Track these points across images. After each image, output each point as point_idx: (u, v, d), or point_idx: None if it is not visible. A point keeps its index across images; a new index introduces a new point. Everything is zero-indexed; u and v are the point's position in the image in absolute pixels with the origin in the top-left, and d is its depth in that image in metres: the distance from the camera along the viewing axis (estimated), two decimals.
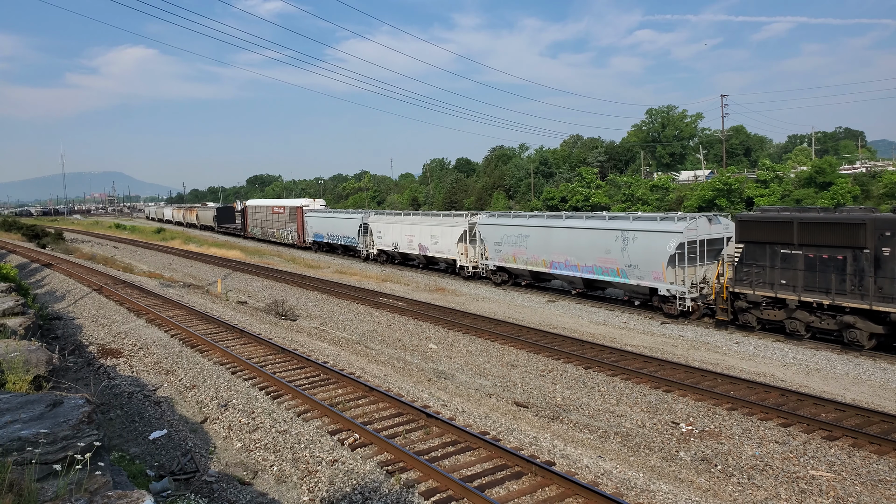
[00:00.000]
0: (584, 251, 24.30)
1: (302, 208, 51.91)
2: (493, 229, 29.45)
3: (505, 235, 28.46)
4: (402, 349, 18.49)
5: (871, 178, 50.27)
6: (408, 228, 36.65)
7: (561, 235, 25.44)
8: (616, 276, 23.11)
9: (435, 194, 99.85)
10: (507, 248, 28.36)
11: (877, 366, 15.75)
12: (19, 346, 10.14)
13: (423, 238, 34.99)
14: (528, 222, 27.67)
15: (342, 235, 44.54)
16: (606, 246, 23.20)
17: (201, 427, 12.06)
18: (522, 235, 27.38)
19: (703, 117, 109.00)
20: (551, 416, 12.75)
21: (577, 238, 24.65)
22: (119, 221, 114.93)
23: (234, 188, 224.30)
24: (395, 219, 38.84)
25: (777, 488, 9.53)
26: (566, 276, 25.44)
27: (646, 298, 22.76)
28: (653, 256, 21.42)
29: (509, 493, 8.99)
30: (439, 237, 33.49)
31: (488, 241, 29.71)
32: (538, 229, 26.72)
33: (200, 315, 22.25)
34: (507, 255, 28.43)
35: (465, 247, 31.82)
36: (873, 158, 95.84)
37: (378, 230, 39.72)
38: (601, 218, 24.88)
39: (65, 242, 59.59)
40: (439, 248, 33.66)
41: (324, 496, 9.08)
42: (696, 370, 15.19)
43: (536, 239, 26.70)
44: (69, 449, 5.44)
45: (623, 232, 22.55)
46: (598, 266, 23.76)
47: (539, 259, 26.59)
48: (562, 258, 25.34)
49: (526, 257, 27.30)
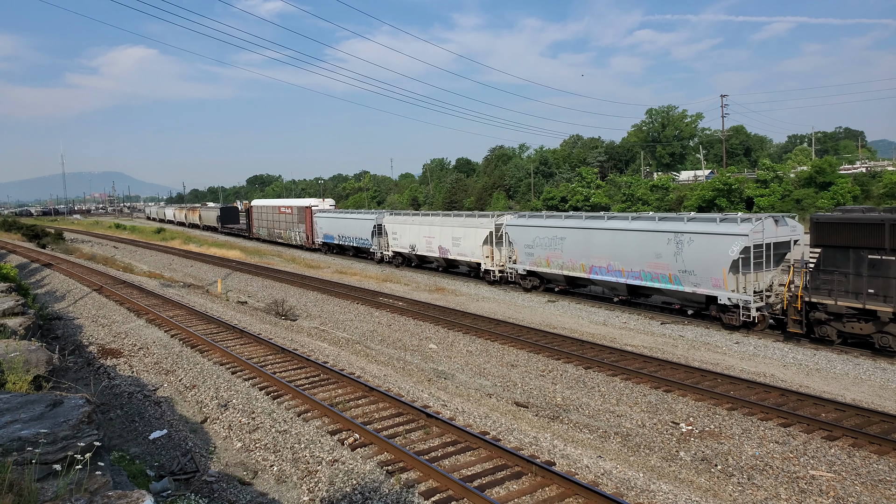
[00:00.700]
0: (630, 255, 22.28)
1: (311, 208, 50.27)
2: (523, 231, 27.47)
3: (537, 237, 26.49)
4: (402, 349, 18.49)
5: (871, 178, 50.29)
6: (426, 230, 34.77)
7: (603, 238, 23.42)
8: (667, 283, 21.05)
9: (435, 194, 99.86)
10: (540, 251, 26.43)
11: (877, 366, 15.75)
12: (19, 346, 10.14)
13: (443, 240, 33.20)
14: (565, 223, 25.64)
15: (354, 237, 42.86)
16: (657, 249, 21.19)
17: (201, 427, 12.06)
18: (558, 238, 25.43)
19: (703, 117, 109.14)
20: (551, 416, 12.75)
21: (622, 241, 22.61)
22: (119, 221, 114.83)
23: (234, 188, 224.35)
24: (412, 219, 36.95)
25: (777, 488, 9.53)
26: (608, 282, 23.49)
27: (700, 307, 21.02)
28: (712, 261, 19.49)
29: (509, 493, 8.99)
30: (462, 239, 31.65)
31: (518, 243, 27.75)
32: (576, 231, 24.74)
33: (200, 315, 22.25)
34: (540, 259, 26.51)
35: (491, 249, 29.91)
36: (873, 158, 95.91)
37: (394, 231, 37.97)
38: (650, 219, 22.62)
39: (65, 242, 59.60)
40: (462, 251, 31.82)
41: (324, 496, 9.08)
42: (696, 370, 15.19)
43: (574, 241, 24.72)
44: (69, 449, 5.44)
45: (677, 234, 20.55)
46: (646, 271, 21.73)
47: (576, 263, 24.66)
48: (604, 263, 23.38)
49: (561, 261, 25.40)
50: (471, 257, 31.24)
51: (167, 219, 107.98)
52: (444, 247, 33.21)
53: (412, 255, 36.56)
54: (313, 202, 52.16)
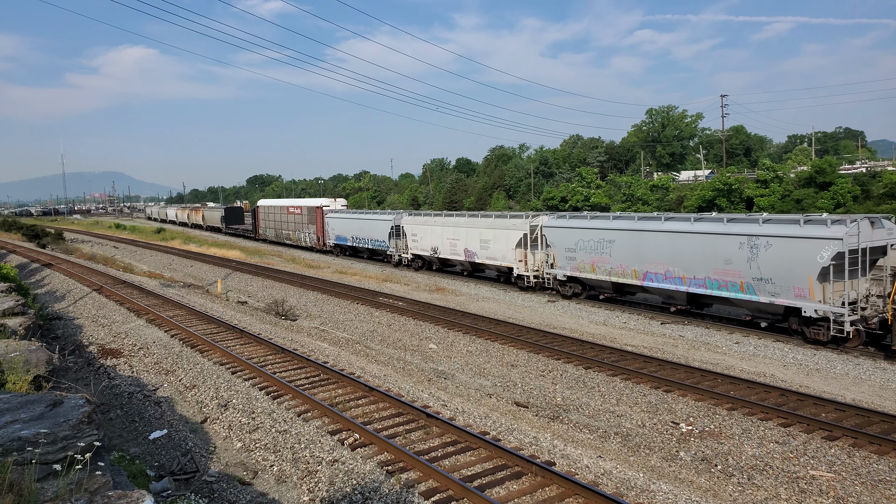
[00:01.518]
0: (692, 260, 20.27)
1: (322, 208, 48.33)
2: (564, 233, 25.36)
3: (580, 240, 24.42)
4: (402, 349, 18.49)
5: (871, 178, 50.27)
6: (451, 231, 32.71)
7: (660, 241, 21.38)
8: (738, 292, 19.01)
9: (435, 194, 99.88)
10: (584, 255, 24.33)
11: (877, 366, 15.75)
12: (19, 346, 10.14)
13: (469, 242, 31.19)
14: (614, 224, 23.51)
15: (370, 238, 41.04)
16: (726, 254, 19.20)
17: (201, 427, 12.06)
18: (605, 240, 23.33)
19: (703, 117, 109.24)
20: (551, 416, 12.76)
21: (683, 244, 20.57)
22: (119, 221, 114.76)
23: (234, 188, 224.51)
24: (434, 220, 34.84)
25: (777, 488, 9.53)
26: (665, 289, 21.45)
27: (776, 320, 18.99)
28: (796, 268, 17.49)
29: (509, 493, 8.99)
30: (491, 241, 29.61)
31: (557, 246, 25.69)
32: (628, 233, 22.58)
33: (200, 315, 22.25)
34: (583, 264, 24.41)
35: (525, 253, 27.78)
36: (873, 158, 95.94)
37: (413, 233, 36.13)
38: (717, 220, 20.48)
39: (65, 242, 59.60)
40: (491, 255, 29.80)
41: (324, 496, 9.08)
42: (696, 370, 15.19)
43: (625, 245, 22.62)
44: (69, 449, 5.45)
45: (751, 238, 18.54)
46: (712, 279, 19.73)
47: (627, 269, 22.58)
48: (660, 268, 21.31)
49: (609, 266, 23.29)
50: (501, 261, 29.27)
51: (169, 219, 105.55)
52: (470, 250, 31.32)
53: (433, 258, 34.84)
54: (324, 202, 50.25)
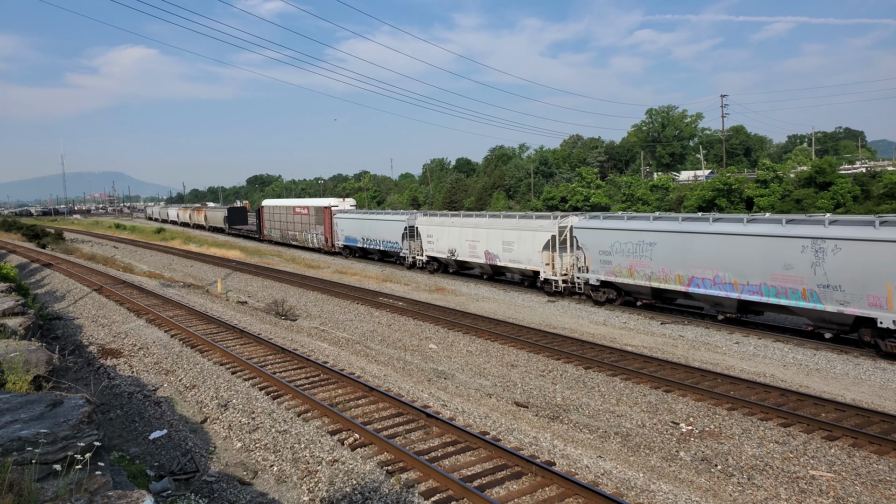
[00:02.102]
0: (746, 265, 18.77)
1: (331, 208, 46.95)
2: (598, 234, 23.77)
3: (616, 242, 22.90)
4: (402, 349, 18.49)
5: (871, 178, 50.27)
6: (470, 232, 31.14)
7: (708, 244, 19.88)
8: (800, 300, 17.55)
9: (435, 194, 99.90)
10: (620, 258, 22.79)
11: (877, 366, 15.75)
12: (19, 346, 10.14)
13: (491, 244, 29.61)
14: (654, 226, 21.86)
15: (381, 240, 39.58)
16: (785, 259, 17.75)
17: (201, 427, 12.06)
18: (645, 243, 21.83)
19: (703, 117, 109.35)
20: (551, 416, 12.76)
21: (735, 248, 19.10)
22: (119, 221, 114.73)
23: (233, 188, 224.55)
24: (453, 221, 33.29)
25: (777, 488, 9.53)
26: (713, 296, 19.89)
27: (843, 330, 17.52)
28: (871, 275, 16.16)
29: (509, 493, 8.99)
30: (515, 243, 28.01)
31: (590, 249, 24.10)
32: (671, 235, 21.09)
33: (200, 315, 22.25)
34: (620, 268, 22.89)
35: (552, 256, 26.24)
36: (873, 158, 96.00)
37: (429, 234, 34.55)
38: (773, 221, 18.96)
39: (65, 242, 59.62)
40: (515, 257, 28.21)
41: (324, 496, 9.08)
42: (696, 370, 15.19)
43: (668, 248, 21.11)
44: (69, 449, 5.44)
45: (815, 241, 17.04)
46: (769, 285, 18.21)
47: (670, 274, 21.03)
48: (708, 273, 19.83)
49: (649, 271, 21.76)
50: (526, 265, 27.69)
51: (171, 219, 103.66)
52: (491, 252, 29.74)
53: (450, 260, 33.28)
54: (333, 202, 48.94)
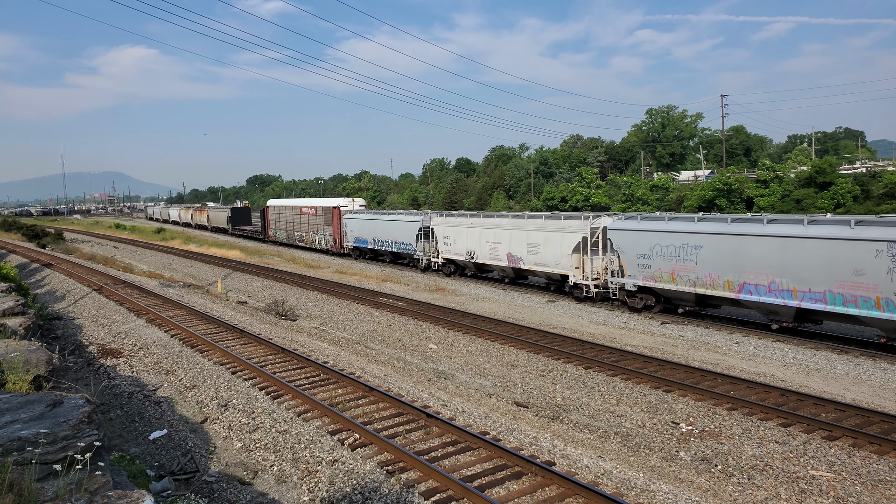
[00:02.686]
0: (809, 271, 17.36)
1: (339, 208, 45.85)
2: (636, 237, 22.30)
3: (657, 245, 21.45)
4: (402, 349, 18.49)
5: (871, 178, 50.28)
6: (491, 234, 29.68)
7: (764, 247, 18.39)
8: (873, 309, 16.19)
9: (435, 194, 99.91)
10: (661, 262, 21.32)
11: (877, 366, 15.75)
12: (19, 346, 10.14)
13: (514, 246, 28.15)
14: (701, 227, 20.38)
15: (393, 241, 38.38)
16: (856, 264, 16.39)
17: (201, 427, 12.06)
18: (689, 245, 20.35)
19: (703, 117, 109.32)
20: (551, 416, 12.76)
21: (795, 252, 17.68)
22: (119, 221, 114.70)
23: (233, 188, 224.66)
24: (472, 222, 31.73)
25: (777, 488, 9.53)
26: (768, 304, 18.44)
27: None
28: None
29: (509, 493, 8.98)
30: (542, 245, 26.57)
31: (627, 252, 22.63)
32: (720, 238, 19.58)
33: (200, 315, 22.25)
34: (660, 273, 21.41)
35: (581, 259, 24.91)
36: (873, 158, 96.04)
37: (446, 235, 33.09)
38: (840, 223, 17.36)
39: (65, 242, 59.63)
40: (541, 260, 26.75)
41: (324, 496, 9.08)
42: (696, 370, 15.19)
43: (716, 251, 19.67)
44: (69, 449, 5.44)
45: (892, 244, 15.71)
46: (835, 293, 16.87)
47: (718, 279, 19.60)
48: (762, 279, 18.40)
49: (694, 276, 20.28)
50: (554, 268, 26.19)
51: (172, 219, 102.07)
52: (514, 255, 28.25)
53: (469, 263, 31.80)
54: (342, 202, 47.90)
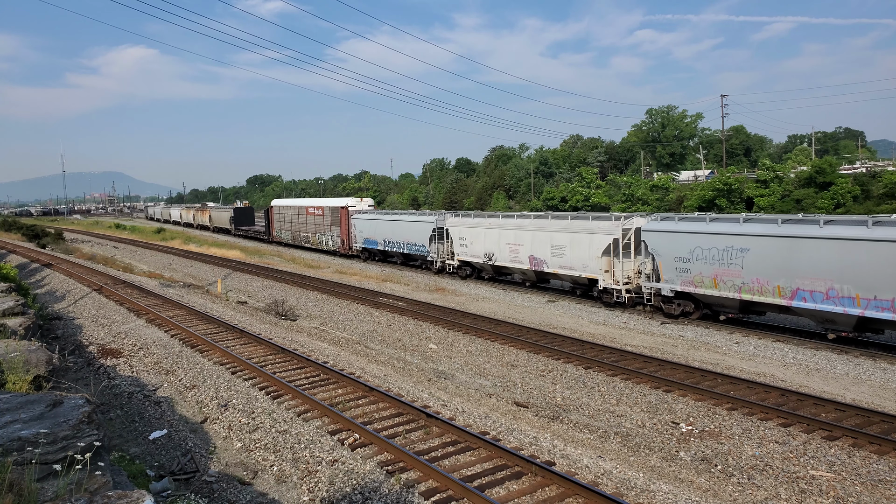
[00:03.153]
0: (875, 277, 16.10)
1: (348, 209, 44.59)
2: (674, 238, 20.96)
3: (698, 248, 20.10)
4: (402, 349, 18.49)
5: (871, 178, 50.27)
6: (511, 235, 28.42)
7: (821, 251, 17.07)
8: None
9: (435, 194, 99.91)
10: (701, 266, 20.02)
11: (877, 366, 15.75)
12: (19, 346, 10.14)
13: (537, 248, 26.90)
14: (747, 229, 19.03)
15: (405, 242, 37.16)
16: None
17: (201, 427, 12.06)
18: (734, 249, 19.08)
19: (703, 117, 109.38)
20: (551, 416, 12.76)
21: (859, 256, 16.39)
22: (119, 221, 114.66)
23: (233, 188, 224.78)
24: (490, 222, 30.49)
25: (777, 488, 9.53)
26: (826, 312, 17.14)
27: None
28: None
29: (509, 493, 8.99)
30: (568, 247, 25.26)
31: (663, 254, 21.27)
32: (769, 240, 18.27)
33: (200, 315, 22.25)
34: (701, 277, 20.11)
35: (611, 262, 23.67)
36: (873, 158, 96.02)
37: (462, 236, 31.89)
38: None
39: (65, 242, 59.64)
40: (567, 263, 25.44)
41: (324, 496, 9.08)
42: (696, 370, 15.19)
43: (764, 255, 18.39)
44: (69, 449, 5.45)
45: None
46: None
47: (767, 285, 18.31)
48: (819, 286, 17.13)
49: (739, 281, 19.01)
50: (581, 271, 24.80)
51: (173, 219, 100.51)
52: (537, 257, 26.98)
53: (486, 265, 30.52)
54: (350, 202, 46.67)
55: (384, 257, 41.38)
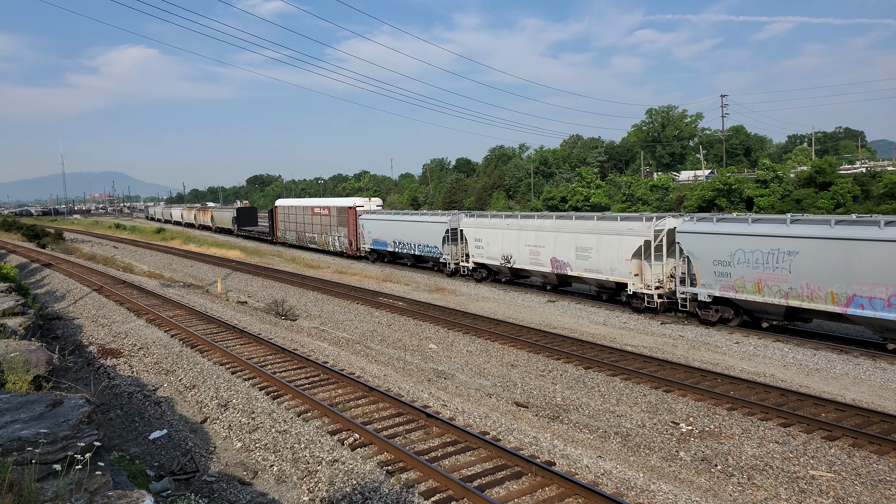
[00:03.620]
0: None
1: (356, 209, 43.60)
2: (712, 240, 19.71)
3: (739, 251, 18.95)
4: (402, 349, 18.49)
5: (871, 178, 50.26)
6: (531, 236, 27.17)
7: (882, 254, 15.90)
8: None
9: (435, 194, 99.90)
10: (744, 270, 18.82)
11: (877, 366, 15.75)
12: (19, 346, 10.14)
13: (560, 250, 25.64)
14: (794, 230, 17.76)
15: (416, 243, 36.01)
16: None
17: (201, 427, 12.06)
18: (781, 252, 17.87)
19: (703, 117, 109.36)
20: (551, 416, 12.76)
21: None
22: (119, 221, 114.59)
23: (233, 188, 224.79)
24: (508, 223, 29.15)
25: (777, 488, 9.53)
26: (889, 320, 16.04)
27: None
28: None
29: (509, 493, 8.99)
30: (594, 250, 23.94)
31: (700, 257, 20.04)
32: (821, 243, 17.10)
33: (200, 315, 22.25)
34: (742, 282, 18.95)
35: (641, 265, 22.48)
36: (873, 158, 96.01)
37: (477, 238, 30.72)
38: None
39: (65, 242, 59.63)
40: (593, 266, 24.13)
41: (324, 496, 9.08)
42: (696, 370, 15.19)
43: (816, 258, 17.19)
44: (69, 449, 5.45)
45: None
46: None
47: (819, 291, 17.12)
48: (880, 291, 15.91)
49: (786, 286, 17.76)
50: (608, 275, 23.51)
51: (174, 219, 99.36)
52: (560, 259, 25.73)
53: (504, 268, 29.37)
54: (358, 202, 45.56)
55: (393, 259, 40.46)
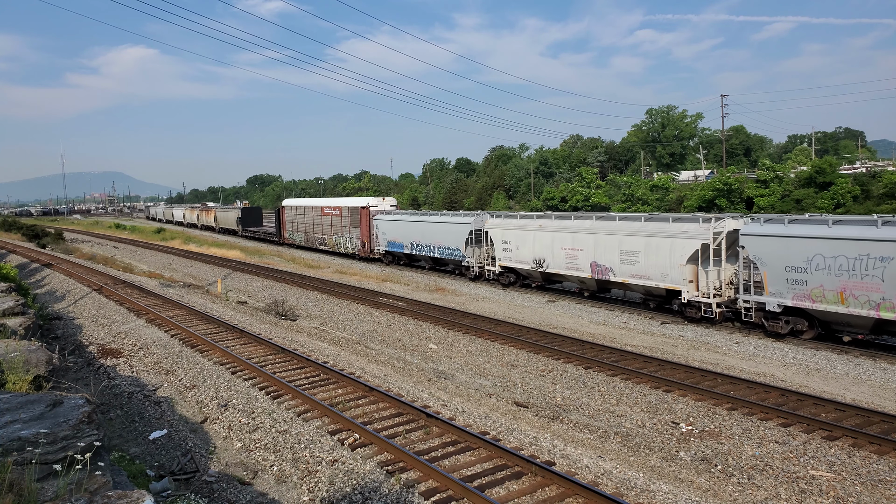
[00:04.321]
0: None
1: (369, 209, 41.67)
2: (784, 244, 17.84)
3: (818, 256, 17.06)
4: (402, 349, 18.49)
5: (871, 178, 50.24)
6: (568, 238, 25.24)
7: None
8: None
9: (435, 194, 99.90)
10: (822, 277, 16.99)
11: (877, 366, 15.75)
12: (19, 346, 10.14)
13: (601, 254, 23.70)
14: (887, 234, 15.86)
15: (436, 246, 34.05)
16: None
17: (201, 427, 12.06)
18: (871, 257, 15.99)
19: (703, 117, 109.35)
20: (551, 416, 12.76)
21: None
22: (119, 221, 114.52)
23: (233, 188, 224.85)
24: (541, 224, 27.15)
25: (777, 488, 9.53)
26: None
27: None
28: None
29: (509, 493, 8.99)
30: (642, 253, 22.01)
31: (769, 263, 18.26)
32: None
33: (200, 315, 22.25)
34: (821, 291, 17.12)
35: (696, 270, 20.52)
36: (873, 158, 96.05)
37: (506, 240, 28.81)
38: None
39: (65, 242, 59.63)
40: (640, 271, 22.21)
41: (324, 496, 9.08)
42: (696, 370, 15.19)
43: None
44: (69, 449, 5.45)
45: None
46: None
47: None
48: None
49: (878, 296, 15.88)
50: (659, 281, 21.52)
51: (176, 220, 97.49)
52: (601, 264, 23.76)
53: (536, 272, 27.47)
54: (371, 201, 43.67)
55: (410, 262, 38.70)
